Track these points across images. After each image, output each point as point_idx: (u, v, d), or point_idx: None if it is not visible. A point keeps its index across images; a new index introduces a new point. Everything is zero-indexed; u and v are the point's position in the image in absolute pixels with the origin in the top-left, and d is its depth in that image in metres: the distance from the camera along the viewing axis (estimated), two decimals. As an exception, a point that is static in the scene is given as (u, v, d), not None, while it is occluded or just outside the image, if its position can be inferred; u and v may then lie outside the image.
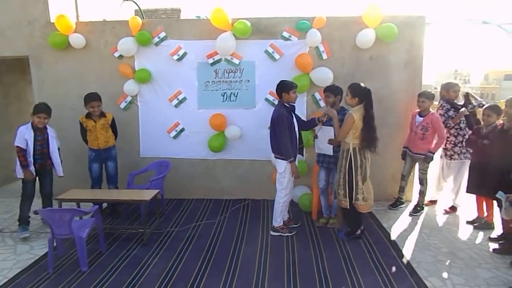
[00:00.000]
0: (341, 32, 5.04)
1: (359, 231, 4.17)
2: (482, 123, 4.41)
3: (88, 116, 4.65)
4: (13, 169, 4.35)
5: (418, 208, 4.91)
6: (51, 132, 4.39)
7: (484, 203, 4.48)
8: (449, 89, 4.87)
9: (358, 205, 3.97)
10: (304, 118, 4.93)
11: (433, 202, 5.28)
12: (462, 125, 4.77)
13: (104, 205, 5.03)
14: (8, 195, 5.76)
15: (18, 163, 4.20)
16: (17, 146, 4.13)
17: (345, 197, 3.98)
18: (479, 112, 4.72)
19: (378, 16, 4.83)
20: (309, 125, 4.37)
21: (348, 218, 4.20)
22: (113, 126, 4.83)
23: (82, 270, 3.52)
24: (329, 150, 4.27)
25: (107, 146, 4.75)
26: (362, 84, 3.91)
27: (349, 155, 3.89)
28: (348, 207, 3.99)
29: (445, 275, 3.44)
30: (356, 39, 4.96)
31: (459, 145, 4.78)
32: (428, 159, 4.67)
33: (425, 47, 5.09)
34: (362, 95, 3.85)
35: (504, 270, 3.51)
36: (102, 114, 4.68)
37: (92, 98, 4.55)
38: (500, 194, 3.62)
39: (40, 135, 4.28)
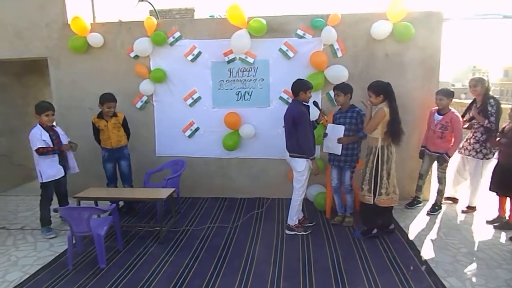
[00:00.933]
0: (356, 30, 4.99)
1: (375, 230, 4.11)
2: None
3: (100, 116, 4.72)
4: (35, 173, 4.27)
5: (436, 207, 4.82)
6: (59, 130, 4.40)
7: (509, 203, 4.37)
8: (470, 87, 4.77)
9: (380, 200, 3.93)
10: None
11: (452, 199, 5.20)
12: (476, 126, 4.66)
13: (121, 203, 5.10)
14: (28, 193, 5.91)
15: (41, 165, 4.15)
16: (39, 148, 4.07)
17: (369, 193, 3.95)
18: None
19: (402, 12, 4.74)
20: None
21: (365, 216, 4.16)
22: (124, 125, 4.88)
23: (100, 267, 3.58)
24: (337, 149, 4.25)
25: (119, 145, 4.81)
26: (382, 81, 3.89)
27: (377, 150, 3.87)
28: (372, 203, 3.95)
29: (464, 275, 3.38)
30: (370, 30, 4.89)
31: (472, 141, 4.70)
32: (442, 160, 4.58)
33: (443, 43, 4.99)
34: (386, 91, 3.84)
35: (526, 271, 3.43)
36: (114, 114, 4.75)
37: (109, 99, 4.62)
38: None
39: (53, 134, 4.27)
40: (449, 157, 4.57)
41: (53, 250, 4.02)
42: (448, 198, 5.18)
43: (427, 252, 3.83)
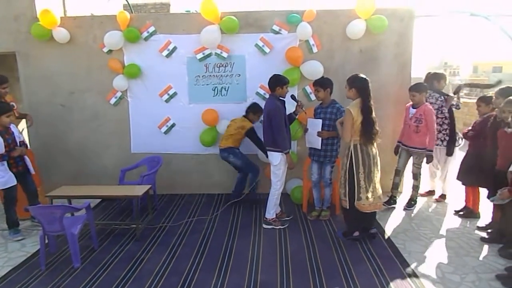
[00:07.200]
0: (331, 25, 5.05)
1: (357, 233, 3.92)
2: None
3: None
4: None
5: (412, 202, 4.89)
6: (15, 130, 4.08)
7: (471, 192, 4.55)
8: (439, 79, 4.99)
9: (360, 205, 3.74)
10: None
11: (430, 192, 5.36)
12: (441, 116, 4.86)
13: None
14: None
15: None
16: None
17: (345, 197, 3.84)
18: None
19: (371, 8, 4.84)
20: (288, 120, 4.31)
21: (347, 218, 4.06)
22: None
23: (74, 266, 3.51)
24: (317, 143, 4.30)
25: None
26: (361, 75, 3.75)
27: (350, 153, 3.73)
28: (348, 207, 3.83)
29: (434, 264, 3.51)
30: (346, 29, 4.97)
31: (443, 132, 4.89)
32: (429, 158, 4.53)
33: (414, 40, 5.12)
34: (359, 87, 3.69)
35: (492, 258, 3.59)
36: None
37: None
38: (493, 199, 3.58)
39: (9, 137, 3.95)
40: (431, 151, 4.52)
41: (25, 251, 3.90)
42: (426, 192, 5.34)
43: (400, 242, 3.95)
